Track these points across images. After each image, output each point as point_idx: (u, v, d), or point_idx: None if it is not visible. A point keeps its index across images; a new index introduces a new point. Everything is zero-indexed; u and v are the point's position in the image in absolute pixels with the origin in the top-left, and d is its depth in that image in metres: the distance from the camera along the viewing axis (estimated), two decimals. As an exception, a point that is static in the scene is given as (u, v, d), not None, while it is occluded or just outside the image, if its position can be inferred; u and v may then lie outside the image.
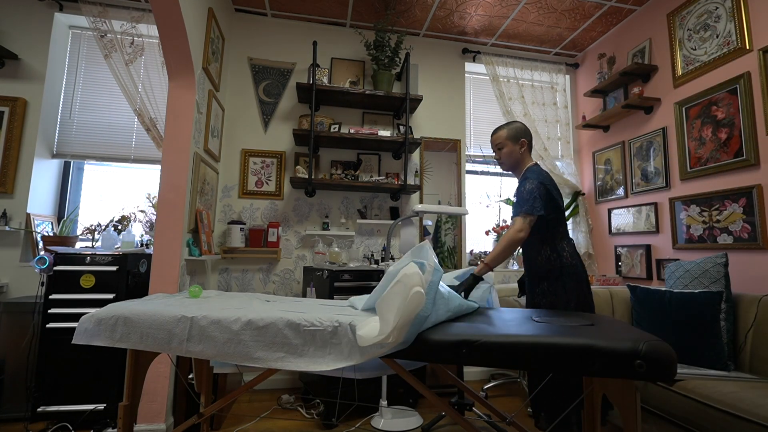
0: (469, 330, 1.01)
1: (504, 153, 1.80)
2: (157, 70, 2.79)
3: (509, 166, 1.83)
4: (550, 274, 1.67)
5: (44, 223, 2.59)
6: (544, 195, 1.64)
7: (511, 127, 1.80)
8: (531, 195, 1.62)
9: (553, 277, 1.66)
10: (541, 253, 1.70)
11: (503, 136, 1.80)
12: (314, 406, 2.38)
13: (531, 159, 1.82)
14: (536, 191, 1.63)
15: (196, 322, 1.10)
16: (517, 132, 1.79)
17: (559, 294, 1.64)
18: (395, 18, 3.00)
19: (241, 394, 1.27)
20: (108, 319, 1.12)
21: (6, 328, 2.19)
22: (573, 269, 1.65)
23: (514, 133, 1.79)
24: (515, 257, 3.31)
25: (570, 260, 1.66)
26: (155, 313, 1.13)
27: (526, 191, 1.65)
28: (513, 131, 1.79)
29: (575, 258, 1.68)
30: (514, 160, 1.80)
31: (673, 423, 1.56)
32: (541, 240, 1.71)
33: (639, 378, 0.83)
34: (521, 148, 1.79)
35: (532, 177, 1.68)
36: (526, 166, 1.80)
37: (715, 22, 2.34)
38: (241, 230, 2.69)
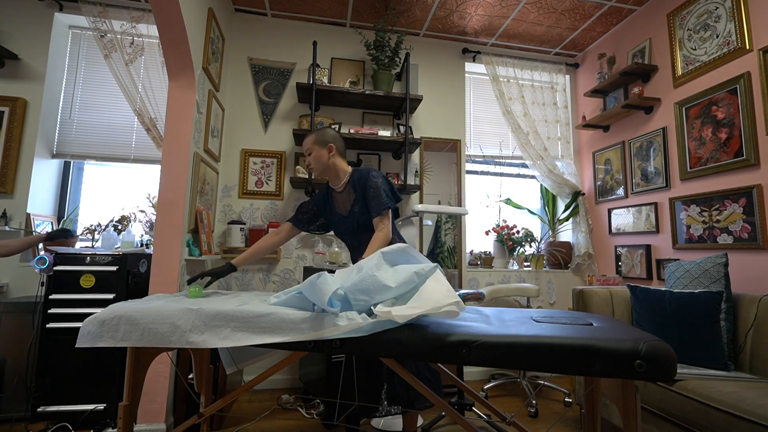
0: (469, 330, 1.01)
1: (312, 158, 1.77)
2: (157, 70, 2.79)
3: (319, 172, 1.79)
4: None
5: (44, 223, 2.59)
6: (388, 189, 1.71)
7: (319, 133, 1.78)
8: (380, 193, 1.67)
9: None
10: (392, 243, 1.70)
11: (311, 141, 1.77)
12: (314, 406, 2.38)
13: (344, 164, 1.80)
14: (385, 186, 1.70)
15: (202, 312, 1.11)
16: (324, 137, 1.77)
17: None
18: (395, 18, 3.00)
19: (241, 394, 1.27)
20: (110, 320, 1.13)
21: (6, 328, 2.19)
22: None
23: (322, 138, 1.76)
24: (514, 257, 3.31)
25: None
26: (157, 309, 1.13)
27: (376, 188, 1.67)
28: (321, 136, 1.77)
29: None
30: (323, 165, 1.77)
31: (673, 423, 1.56)
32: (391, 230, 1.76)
33: (639, 378, 0.83)
34: (329, 152, 1.76)
35: (374, 173, 1.72)
36: (346, 171, 1.79)
37: (715, 22, 2.34)
38: (241, 230, 2.69)
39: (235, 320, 1.09)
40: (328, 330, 1.02)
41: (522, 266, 3.30)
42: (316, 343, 1.05)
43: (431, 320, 1.13)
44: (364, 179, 1.72)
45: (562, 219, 3.38)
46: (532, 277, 3.23)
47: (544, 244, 3.43)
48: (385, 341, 1.02)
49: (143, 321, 1.11)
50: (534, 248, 3.37)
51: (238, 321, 1.09)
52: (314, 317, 1.06)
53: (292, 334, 1.05)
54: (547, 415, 2.29)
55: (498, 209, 3.43)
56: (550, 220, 3.49)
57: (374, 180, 1.69)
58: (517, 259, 3.31)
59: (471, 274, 3.16)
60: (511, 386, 2.78)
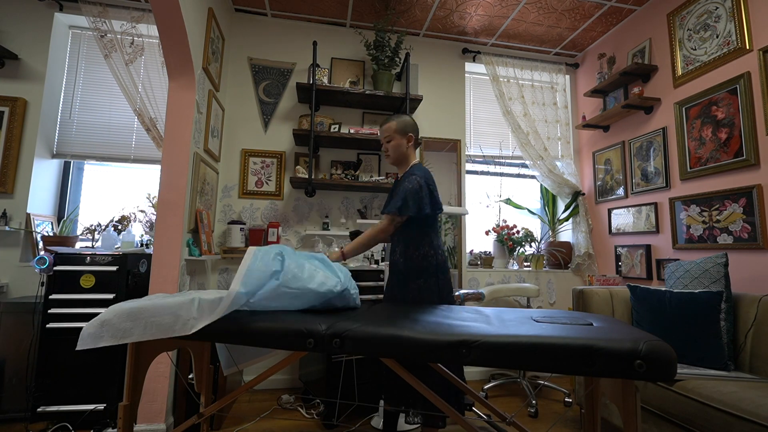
0: (468, 330, 1.01)
1: (391, 146, 1.77)
2: (157, 70, 2.79)
3: (394, 160, 1.80)
4: (426, 271, 1.67)
5: (44, 223, 2.59)
6: (427, 194, 1.65)
7: (400, 120, 1.77)
8: (408, 196, 1.62)
9: (430, 274, 1.67)
10: (420, 250, 1.68)
11: (392, 128, 1.76)
12: (314, 406, 2.38)
13: (415, 155, 1.82)
14: (416, 192, 1.63)
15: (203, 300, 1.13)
16: (405, 126, 1.77)
17: (433, 290, 1.65)
18: (395, 18, 3.00)
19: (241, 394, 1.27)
20: (110, 319, 1.13)
21: (6, 328, 2.20)
22: (444, 266, 1.70)
23: (403, 127, 1.76)
24: (514, 257, 3.31)
25: (443, 257, 1.71)
26: (157, 303, 1.14)
27: (405, 190, 1.64)
28: (402, 124, 1.76)
29: (445, 254, 1.73)
30: (400, 155, 1.78)
31: (673, 423, 1.56)
32: (423, 237, 1.70)
33: (639, 378, 0.83)
34: (408, 143, 1.77)
35: (418, 174, 1.67)
36: (411, 163, 1.79)
37: (715, 22, 2.34)
38: (241, 230, 2.69)
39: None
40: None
41: (522, 266, 3.30)
42: (316, 343, 1.05)
43: (431, 320, 1.13)
44: (407, 176, 1.70)
45: (562, 219, 3.38)
46: (532, 277, 3.23)
47: (544, 244, 3.43)
48: (384, 341, 1.02)
49: (144, 315, 1.11)
50: (534, 248, 3.37)
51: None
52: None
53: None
54: (547, 415, 2.29)
55: (498, 209, 3.43)
56: (550, 220, 3.49)
57: (411, 180, 1.66)
58: (517, 259, 3.31)
59: (471, 274, 3.16)
60: (511, 386, 2.78)
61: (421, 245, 1.69)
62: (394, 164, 1.82)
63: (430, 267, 1.67)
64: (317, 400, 2.38)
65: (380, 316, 1.21)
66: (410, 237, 1.70)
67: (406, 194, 1.63)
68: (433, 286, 1.66)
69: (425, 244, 1.69)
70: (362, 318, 1.16)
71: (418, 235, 1.70)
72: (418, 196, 1.62)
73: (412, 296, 1.66)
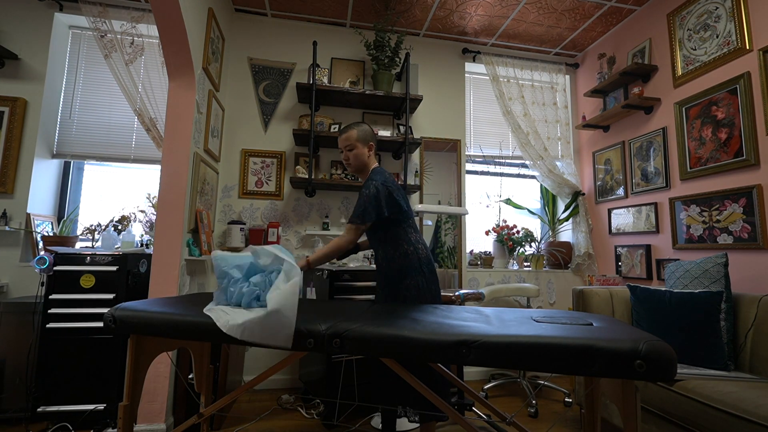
0: (469, 330, 1.01)
1: (353, 155, 1.78)
2: (157, 70, 2.79)
3: (355, 168, 1.81)
4: (411, 268, 1.67)
5: (44, 223, 2.59)
6: (385, 197, 1.65)
7: (360, 129, 1.78)
8: (367, 202, 1.63)
9: (416, 271, 1.67)
10: (399, 249, 1.69)
11: (353, 137, 1.76)
12: (314, 406, 2.38)
13: (375, 161, 1.82)
14: (374, 197, 1.64)
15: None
16: (366, 134, 1.78)
17: (423, 287, 1.67)
18: (395, 18, 3.00)
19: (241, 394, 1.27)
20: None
21: (6, 328, 2.20)
22: (428, 261, 1.71)
23: (364, 135, 1.78)
24: (514, 257, 3.31)
25: (425, 252, 1.71)
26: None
27: (364, 197, 1.65)
28: (362, 133, 1.77)
29: (427, 249, 1.74)
30: (361, 163, 1.79)
31: (673, 423, 1.56)
32: (397, 237, 1.71)
33: (639, 378, 0.83)
34: (369, 151, 1.79)
35: (376, 180, 1.68)
36: (370, 168, 1.80)
37: (715, 22, 2.34)
38: (241, 230, 2.69)
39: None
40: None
41: (522, 266, 3.30)
42: (316, 343, 1.05)
43: (431, 320, 1.13)
44: (368, 181, 1.71)
45: (562, 219, 3.38)
46: (532, 277, 3.23)
47: (544, 244, 3.43)
48: (385, 341, 1.02)
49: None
50: (534, 248, 3.37)
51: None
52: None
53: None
54: (547, 415, 2.29)
55: (498, 209, 3.43)
56: (550, 220, 3.49)
57: (368, 186, 1.67)
58: (517, 259, 3.31)
59: (471, 274, 3.16)
60: (511, 386, 2.78)
61: (399, 244, 1.70)
62: (355, 173, 1.83)
63: (413, 264, 1.68)
64: (317, 400, 2.38)
65: (380, 316, 1.21)
66: (386, 239, 1.72)
67: (364, 201, 1.64)
68: (423, 283, 1.67)
69: (403, 242, 1.70)
70: (362, 318, 1.16)
71: (393, 236, 1.71)
72: (376, 201, 1.63)
73: (404, 297, 1.66)
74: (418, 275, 1.67)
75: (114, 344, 2.04)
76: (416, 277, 1.67)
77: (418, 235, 1.75)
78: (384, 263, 1.72)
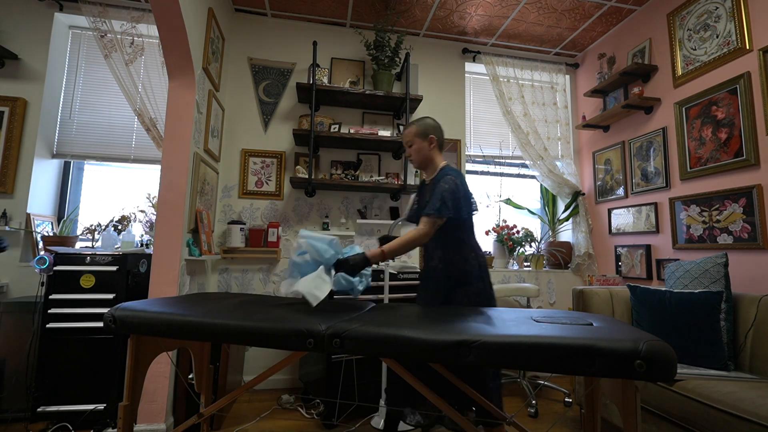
0: (468, 330, 1.01)
1: (413, 150, 1.74)
2: (157, 70, 2.79)
3: (418, 163, 1.76)
4: (471, 275, 1.62)
5: (44, 223, 2.59)
6: (463, 195, 1.59)
7: (420, 123, 1.74)
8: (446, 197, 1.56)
9: (476, 278, 1.63)
10: (460, 253, 1.64)
11: (412, 132, 1.73)
12: (314, 406, 2.38)
13: (442, 157, 1.77)
14: (453, 192, 1.56)
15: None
16: (426, 128, 1.73)
17: (482, 294, 1.62)
18: (395, 18, 3.00)
19: (241, 394, 1.27)
20: None
21: (6, 328, 2.20)
22: (486, 268, 1.67)
23: (423, 129, 1.73)
24: (514, 257, 3.31)
25: (484, 259, 1.67)
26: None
27: (442, 191, 1.57)
28: (422, 127, 1.73)
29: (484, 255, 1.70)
30: (424, 157, 1.74)
31: (673, 423, 1.56)
32: (461, 240, 1.65)
33: (639, 378, 0.83)
34: (430, 145, 1.73)
35: (453, 175, 1.62)
36: (439, 165, 1.73)
37: (715, 22, 2.34)
38: (241, 230, 2.69)
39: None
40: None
41: (522, 266, 3.30)
42: (316, 343, 1.05)
43: (431, 320, 1.13)
44: (441, 177, 1.63)
45: (562, 219, 3.38)
46: (532, 277, 3.23)
47: (544, 244, 3.43)
48: (385, 341, 1.02)
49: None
50: (534, 248, 3.37)
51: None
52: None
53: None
54: (547, 415, 2.29)
55: (498, 209, 3.43)
56: (550, 220, 3.49)
57: (446, 180, 1.59)
58: (517, 259, 3.31)
59: (471, 274, 3.15)
60: (511, 386, 2.78)
61: (461, 248, 1.63)
62: (419, 168, 1.77)
63: (474, 270, 1.62)
64: (317, 400, 2.38)
65: (380, 316, 1.21)
66: (447, 241, 1.64)
67: (443, 195, 1.55)
68: (482, 291, 1.62)
69: (465, 246, 1.64)
70: (362, 318, 1.16)
71: (456, 239, 1.64)
72: (455, 197, 1.56)
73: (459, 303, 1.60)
74: (478, 282, 1.62)
75: (114, 344, 2.04)
76: (476, 283, 1.62)
77: (477, 242, 1.69)
78: (441, 265, 1.65)
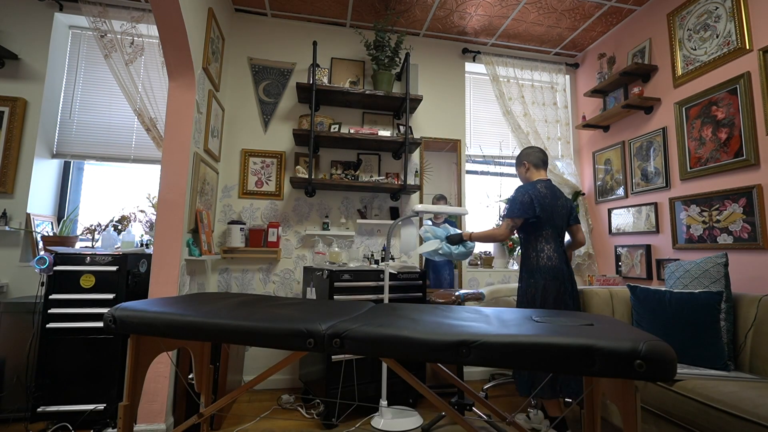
0: (468, 330, 1.01)
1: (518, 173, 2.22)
2: (157, 70, 2.79)
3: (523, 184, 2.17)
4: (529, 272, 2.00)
5: (44, 223, 2.59)
6: (519, 202, 1.98)
7: (519, 155, 2.18)
8: (512, 202, 2.01)
9: (531, 274, 1.98)
10: (527, 252, 2.03)
11: (516, 164, 2.21)
12: (314, 406, 2.38)
13: (537, 175, 2.12)
14: (512, 200, 2.02)
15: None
16: (519, 157, 2.18)
17: (530, 290, 1.96)
18: (395, 18, 3.00)
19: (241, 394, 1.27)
20: None
21: (6, 328, 2.20)
22: (548, 269, 1.94)
23: (518, 159, 2.19)
24: (515, 257, 3.31)
25: (546, 261, 1.95)
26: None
27: (511, 199, 2.04)
28: (518, 158, 2.19)
29: (552, 260, 1.95)
30: (524, 179, 2.18)
31: (673, 423, 1.56)
32: (527, 240, 2.04)
33: (639, 378, 0.83)
34: (525, 170, 2.15)
35: (516, 191, 2.05)
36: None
37: (715, 22, 2.34)
38: (241, 230, 2.69)
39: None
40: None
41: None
42: (316, 343, 1.05)
43: (431, 320, 1.13)
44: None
45: (562, 219, 3.38)
46: (532, 277, 3.23)
47: (544, 244, 3.43)
48: (385, 341, 1.02)
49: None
50: (534, 248, 3.37)
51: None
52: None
53: None
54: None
55: (498, 209, 3.43)
56: (550, 220, 3.48)
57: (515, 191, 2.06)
58: (517, 259, 3.31)
59: (471, 274, 3.16)
60: (511, 386, 2.78)
61: (528, 248, 2.03)
62: None
63: (533, 268, 1.97)
64: (317, 400, 2.38)
65: (380, 316, 1.21)
66: (522, 241, 2.08)
67: (510, 201, 2.04)
68: (531, 287, 1.95)
69: (530, 248, 2.01)
70: (362, 318, 1.16)
71: (526, 240, 2.05)
72: (512, 203, 2.01)
73: (519, 293, 2.03)
74: (530, 278, 1.97)
75: (114, 344, 2.04)
76: (529, 280, 1.97)
77: (546, 245, 1.98)
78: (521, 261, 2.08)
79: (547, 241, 1.98)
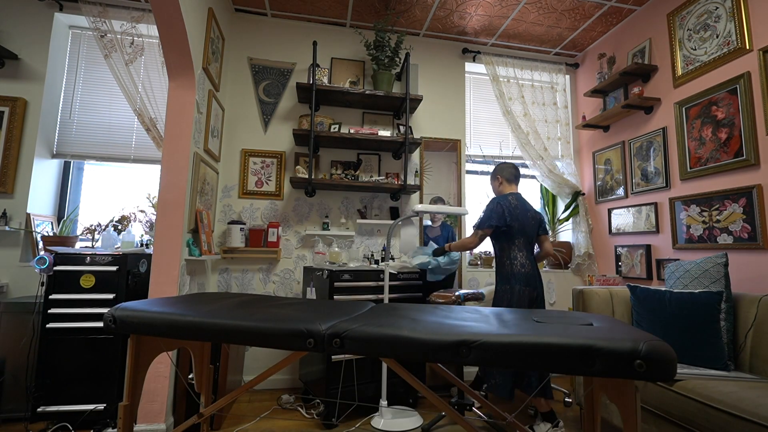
0: (468, 330, 1.01)
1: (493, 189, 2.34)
2: (157, 70, 2.79)
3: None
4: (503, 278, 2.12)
5: (44, 223, 2.59)
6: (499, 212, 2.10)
7: (493, 170, 2.32)
8: (486, 212, 2.16)
9: (505, 281, 2.10)
10: (500, 260, 2.16)
11: (491, 178, 2.34)
12: (314, 406, 2.38)
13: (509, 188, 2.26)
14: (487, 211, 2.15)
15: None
16: (493, 172, 2.32)
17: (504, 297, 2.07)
18: (395, 18, 3.00)
19: (241, 394, 1.27)
20: None
21: (6, 328, 2.20)
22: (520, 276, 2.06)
23: (492, 173, 2.32)
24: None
25: (518, 269, 2.07)
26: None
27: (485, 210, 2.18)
28: (492, 172, 2.32)
29: (525, 267, 2.08)
30: (498, 192, 2.29)
31: (673, 423, 1.56)
32: (501, 249, 2.16)
33: (639, 378, 0.83)
34: (499, 184, 2.28)
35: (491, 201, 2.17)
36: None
37: (715, 22, 2.34)
38: (241, 230, 2.69)
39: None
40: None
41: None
42: (316, 343, 1.05)
43: (431, 320, 1.13)
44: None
45: (562, 219, 3.38)
46: (532, 277, 3.23)
47: (544, 244, 3.43)
48: (385, 341, 1.02)
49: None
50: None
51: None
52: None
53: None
54: (547, 415, 2.29)
55: (498, 209, 3.43)
56: (550, 220, 3.48)
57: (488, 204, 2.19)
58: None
59: (471, 274, 3.16)
60: (511, 386, 2.78)
61: (502, 256, 2.15)
62: None
63: (507, 275, 2.10)
64: (317, 400, 2.38)
65: (380, 316, 1.21)
66: (497, 250, 2.19)
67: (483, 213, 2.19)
68: (507, 292, 2.07)
69: (504, 256, 2.14)
70: (362, 318, 1.16)
71: (500, 249, 2.17)
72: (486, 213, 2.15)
73: (495, 298, 2.13)
74: (506, 285, 2.09)
75: (114, 344, 2.04)
76: (504, 286, 2.09)
77: (519, 253, 2.10)
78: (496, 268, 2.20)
79: (519, 250, 2.11)
